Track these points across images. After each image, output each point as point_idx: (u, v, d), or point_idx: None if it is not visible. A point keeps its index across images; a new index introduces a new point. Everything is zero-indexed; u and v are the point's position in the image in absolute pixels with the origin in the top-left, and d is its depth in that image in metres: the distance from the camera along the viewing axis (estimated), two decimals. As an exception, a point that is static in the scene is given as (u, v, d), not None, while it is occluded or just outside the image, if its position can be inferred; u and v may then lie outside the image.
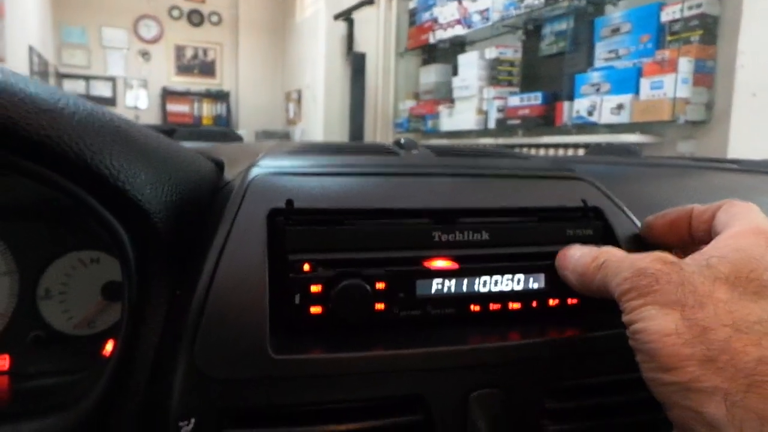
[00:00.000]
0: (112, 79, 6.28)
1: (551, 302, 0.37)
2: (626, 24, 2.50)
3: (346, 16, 4.33)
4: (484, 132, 3.27)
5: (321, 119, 4.71)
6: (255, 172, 0.37)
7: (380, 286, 0.34)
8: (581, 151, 2.61)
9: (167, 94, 6.35)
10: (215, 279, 0.31)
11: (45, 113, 0.28)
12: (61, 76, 5.92)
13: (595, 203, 0.41)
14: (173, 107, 6.44)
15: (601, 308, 0.38)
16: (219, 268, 0.31)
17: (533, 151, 2.92)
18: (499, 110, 3.13)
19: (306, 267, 0.33)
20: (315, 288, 0.32)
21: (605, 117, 2.50)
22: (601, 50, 2.60)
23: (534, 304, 0.37)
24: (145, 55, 6.51)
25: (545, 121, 2.88)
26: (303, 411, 0.29)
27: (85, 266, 0.44)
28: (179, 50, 6.66)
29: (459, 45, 3.62)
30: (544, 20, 2.94)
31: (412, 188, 0.38)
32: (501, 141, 3.18)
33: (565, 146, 2.75)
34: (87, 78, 6.16)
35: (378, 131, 4.31)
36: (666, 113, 2.22)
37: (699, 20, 2.17)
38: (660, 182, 0.57)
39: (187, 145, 0.63)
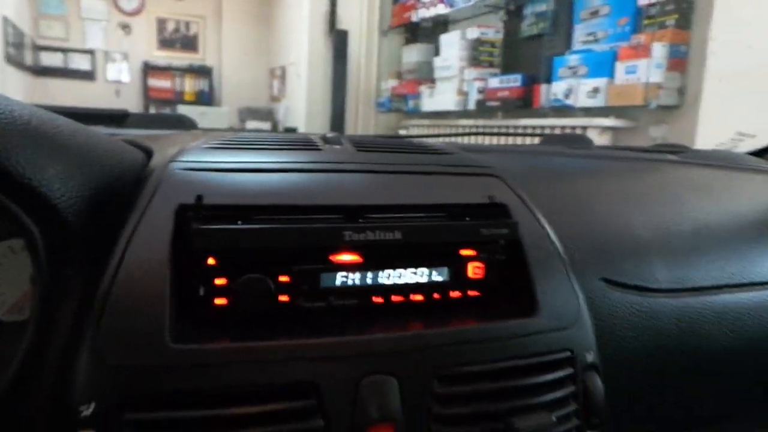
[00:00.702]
0: (91, 52, 6.14)
1: (453, 294, 0.40)
2: (605, 7, 2.50)
3: (328, -9, 4.26)
4: (464, 113, 3.28)
5: (304, 97, 4.67)
6: (171, 166, 0.38)
7: (284, 279, 0.36)
8: (557, 133, 2.63)
9: (149, 69, 6.23)
10: (120, 269, 0.33)
11: None
12: (38, 49, 5.77)
13: (503, 199, 0.43)
14: (155, 82, 6.32)
15: (500, 300, 0.41)
16: (125, 259, 0.33)
17: (511, 139, 2.94)
18: (480, 92, 3.13)
19: (211, 261, 0.34)
20: (219, 281, 0.34)
21: (581, 100, 2.52)
22: (579, 33, 2.61)
23: (436, 295, 0.39)
24: (125, 27, 6.36)
25: (524, 103, 2.89)
26: (201, 396, 0.31)
27: (15, 254, 0.45)
28: (161, 23, 6.51)
29: (442, 24, 3.60)
30: (525, 0, 2.93)
31: (325, 185, 0.40)
32: (481, 123, 3.19)
33: (542, 128, 2.77)
34: (65, 51, 6.01)
35: (360, 111, 4.29)
36: (639, 98, 2.25)
37: (675, 4, 2.19)
38: (583, 179, 0.59)
39: (132, 132, 0.64)
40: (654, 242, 0.52)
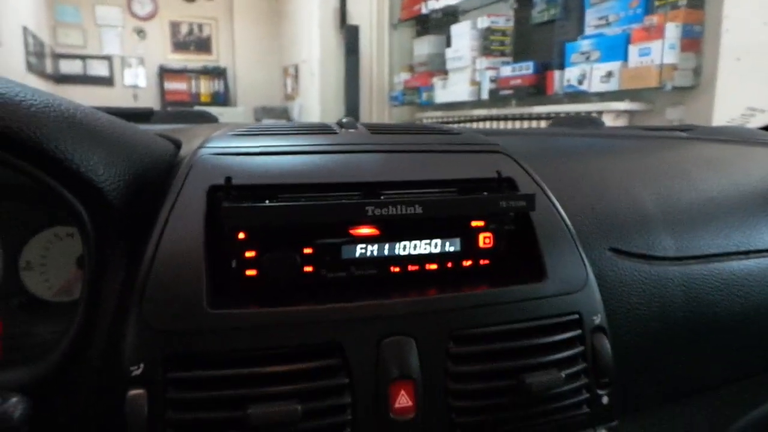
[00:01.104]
0: (109, 58, 6.26)
1: (465, 263, 0.43)
2: (616, -11, 2.49)
3: (338, -13, 4.28)
4: (478, 103, 3.28)
5: (318, 94, 4.71)
6: (201, 152, 0.42)
7: (308, 251, 0.39)
8: (571, 120, 2.63)
9: (164, 72, 6.33)
10: (160, 246, 0.36)
11: (5, 107, 0.33)
12: (58, 57, 5.91)
13: (510, 174, 0.45)
14: (171, 85, 6.42)
15: (509, 268, 0.43)
16: (163, 236, 0.36)
17: (526, 123, 2.94)
18: (492, 81, 3.13)
19: (241, 235, 0.38)
20: (249, 254, 0.38)
21: (595, 85, 2.51)
22: (591, 17, 2.60)
23: (449, 264, 0.42)
24: (140, 32, 6.47)
25: (537, 90, 2.89)
26: (236, 357, 0.35)
27: (61, 240, 0.49)
28: (174, 27, 6.61)
29: (452, 15, 3.60)
30: (535, -13, 2.92)
31: (343, 164, 0.43)
32: (494, 112, 3.20)
33: (557, 115, 2.76)
34: (83, 57, 6.14)
35: (374, 105, 4.31)
36: (653, 80, 2.23)
37: (686, -16, 2.17)
38: (591, 156, 0.61)
39: (159, 127, 0.67)
40: (661, 213, 0.54)
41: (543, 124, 2.79)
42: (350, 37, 4.20)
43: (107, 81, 6.21)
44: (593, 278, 0.44)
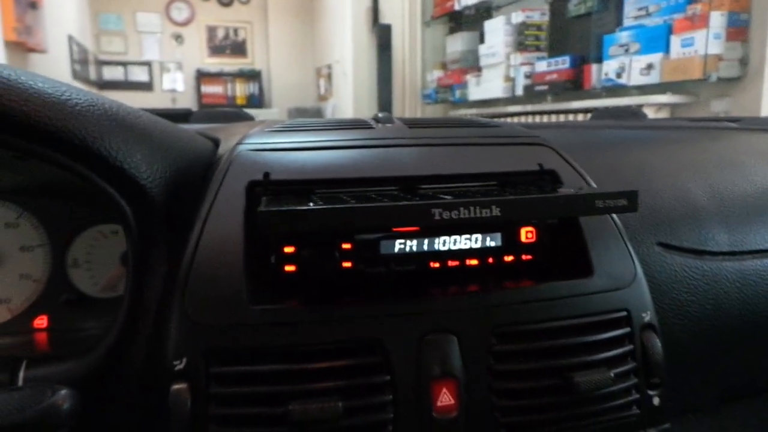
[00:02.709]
0: (148, 64, 6.45)
1: (507, 258, 0.41)
2: (657, -21, 2.40)
3: (370, -13, 4.29)
4: (513, 99, 3.23)
5: (351, 94, 4.73)
6: (239, 149, 0.42)
7: (346, 246, 0.38)
8: (610, 115, 2.56)
9: (201, 76, 6.48)
10: (201, 241, 0.36)
11: (52, 106, 0.34)
12: (101, 63, 6.12)
13: (552, 167, 0.44)
14: (207, 89, 6.57)
15: (554, 263, 0.42)
16: (204, 232, 0.37)
17: (562, 117, 2.87)
18: (527, 76, 3.08)
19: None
20: (288, 249, 0.38)
21: (634, 78, 2.43)
22: (630, 8, 2.52)
23: (490, 260, 0.41)
24: (178, 38, 6.64)
25: (574, 85, 2.82)
26: (276, 352, 0.34)
27: (105, 238, 0.50)
28: (211, 31, 6.76)
29: (485, 11, 3.55)
30: (571, -21, 2.85)
31: (382, 159, 0.43)
32: (530, 108, 3.14)
33: (594, 109, 2.69)
34: (125, 64, 6.35)
35: (406, 103, 4.30)
36: (697, 71, 2.15)
37: (732, -30, 2.07)
38: (636, 148, 0.59)
39: (198, 126, 0.68)
40: (712, 206, 0.51)
41: (581, 118, 2.72)
42: (383, 35, 4.20)
43: (147, 86, 6.41)
44: (642, 274, 0.42)
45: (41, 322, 0.48)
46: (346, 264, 0.38)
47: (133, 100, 5.85)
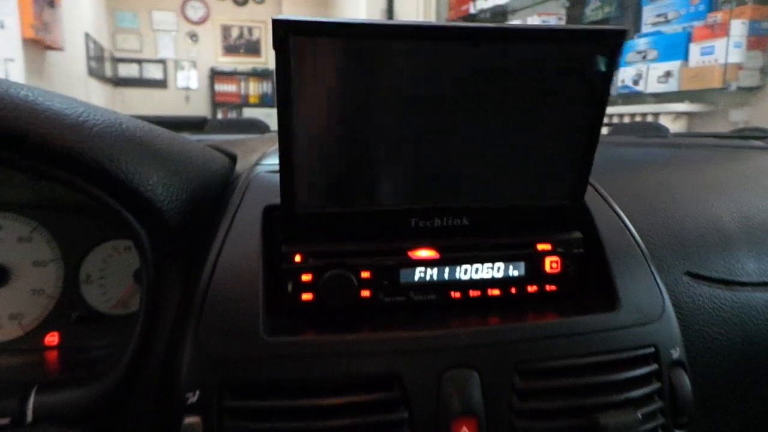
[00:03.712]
0: (163, 62, 6.49)
1: (530, 289, 0.40)
2: (677, -15, 2.37)
3: (385, -11, 4.28)
4: (526, 104, 3.20)
5: (363, 95, 4.72)
6: (257, 170, 0.41)
7: (365, 275, 0.37)
8: (626, 122, 2.53)
9: (215, 75, 6.51)
10: (217, 268, 0.35)
11: (69, 128, 0.33)
12: (116, 61, 6.17)
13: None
14: (221, 87, 6.60)
15: (577, 294, 0.41)
16: (220, 259, 0.36)
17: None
18: (542, 81, 3.05)
19: (297, 258, 0.36)
20: (306, 277, 0.36)
21: (652, 86, 2.40)
22: (648, 14, 2.49)
23: (513, 290, 0.40)
24: (193, 36, 6.67)
25: (590, 91, 2.79)
26: (292, 386, 0.33)
27: (119, 254, 0.49)
28: (225, 30, 6.79)
29: (501, 14, 3.53)
30: (589, -15, 2.82)
31: None
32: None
33: (610, 116, 2.66)
34: (140, 61, 6.39)
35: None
36: (717, 80, 2.12)
37: (755, -22, 2.04)
38: (661, 168, 0.57)
39: (214, 137, 0.68)
40: (741, 233, 0.50)
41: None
42: (397, 38, 4.18)
43: (161, 83, 6.45)
44: (670, 307, 0.41)
45: (52, 339, 0.47)
46: (365, 293, 0.37)
47: (147, 96, 5.85)
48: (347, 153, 0.35)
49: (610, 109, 2.64)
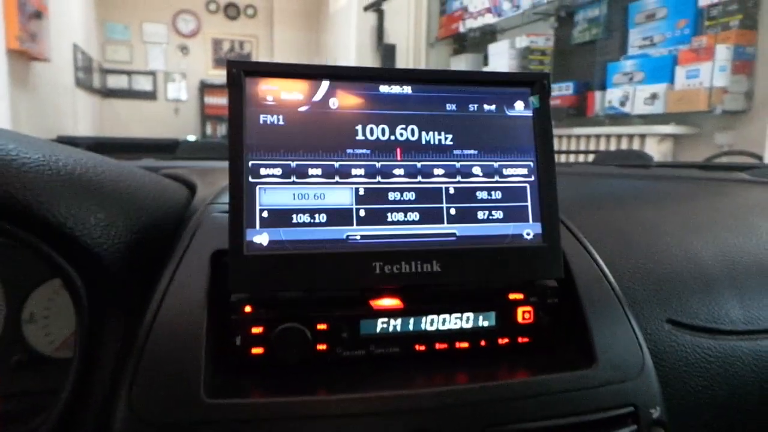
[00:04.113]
0: (153, 73, 6.46)
1: (501, 341, 0.37)
2: (662, 9, 2.40)
3: (376, 6, 4.30)
4: (515, 123, 3.21)
5: (352, 111, 4.72)
6: (209, 209, 0.38)
7: (322, 327, 0.34)
8: (612, 143, 2.53)
9: (205, 87, 6.49)
10: (156, 320, 0.32)
11: None
12: (105, 72, 6.13)
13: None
14: (211, 100, 6.58)
15: (551, 347, 0.38)
16: (161, 309, 0.33)
17: (565, 143, 2.85)
18: (530, 101, 3.06)
19: (247, 308, 0.33)
20: (256, 329, 0.33)
21: (638, 107, 2.41)
22: (635, 37, 2.51)
23: (483, 342, 0.37)
24: (183, 49, 6.66)
25: (577, 111, 2.80)
26: None
27: (65, 292, 0.46)
28: (216, 44, 6.78)
29: (490, 34, 3.55)
30: (576, 6, 2.85)
31: None
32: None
33: (597, 137, 2.67)
34: (129, 73, 6.36)
35: (408, 122, 4.28)
36: (702, 103, 2.13)
37: (739, 4, 2.06)
38: (641, 204, 0.55)
39: (180, 164, 0.65)
40: (726, 276, 0.47)
41: (582, 145, 2.69)
42: (387, 55, 4.20)
43: (150, 95, 6.41)
44: (650, 361, 0.38)
45: (-11, 384, 0.43)
46: (321, 346, 0.34)
47: (136, 108, 5.83)
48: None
49: (596, 130, 2.65)
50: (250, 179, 0.34)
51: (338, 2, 5.82)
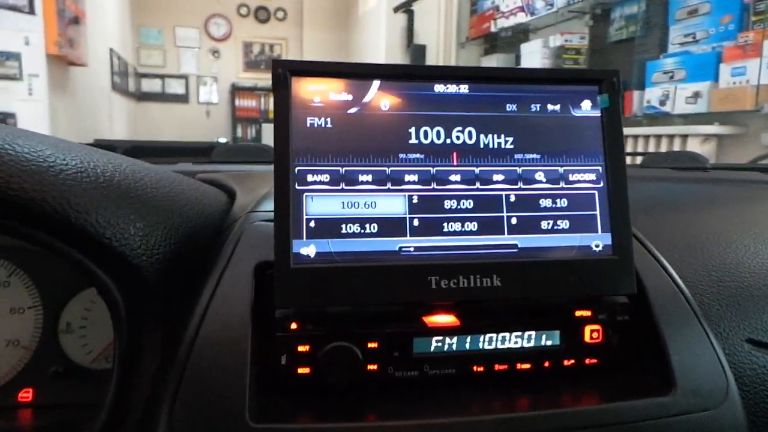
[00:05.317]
0: (185, 77, 6.57)
1: (566, 362, 0.34)
2: (705, 4, 2.30)
3: (406, 7, 4.28)
4: (548, 124, 3.14)
5: (382, 112, 4.70)
6: (251, 218, 0.36)
7: (372, 345, 0.32)
8: (651, 143, 2.45)
9: (236, 90, 6.57)
10: (198, 336, 0.30)
11: (30, 174, 0.28)
12: (140, 76, 6.26)
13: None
14: (241, 102, 6.66)
15: (622, 370, 0.35)
16: (203, 325, 0.31)
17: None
18: (564, 101, 2.99)
19: (293, 326, 0.31)
20: (302, 348, 0.31)
21: (679, 107, 2.32)
22: (675, 34, 2.42)
23: (546, 364, 0.34)
24: (215, 53, 6.76)
25: (614, 111, 2.72)
26: None
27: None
28: (247, 47, 6.86)
29: (522, 33, 3.48)
30: (613, 3, 2.77)
31: None
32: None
33: (635, 138, 2.58)
34: (162, 77, 6.48)
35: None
36: (749, 102, 2.04)
37: (789, -3, 1.96)
38: (707, 210, 0.51)
39: (219, 167, 0.63)
40: (808, 291, 0.43)
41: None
42: (417, 56, 4.17)
43: (183, 98, 6.52)
44: (735, 386, 0.34)
45: (26, 395, 0.42)
46: (371, 366, 0.32)
47: (169, 111, 5.94)
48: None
49: (634, 130, 2.56)
50: (297, 187, 0.31)
51: (368, 3, 5.81)
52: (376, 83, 0.33)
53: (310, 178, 0.32)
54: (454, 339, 0.33)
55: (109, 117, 4.50)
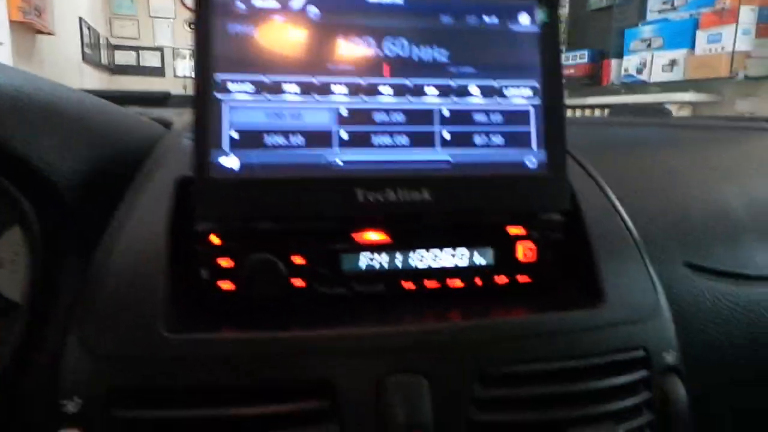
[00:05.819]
0: (161, 50, 6.40)
1: (499, 280, 0.34)
2: (684, -29, 2.29)
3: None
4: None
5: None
6: (178, 137, 0.34)
7: (299, 260, 0.31)
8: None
9: (213, 63, 6.43)
10: (114, 249, 0.29)
11: None
12: (114, 48, 6.08)
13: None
14: (220, 75, 6.53)
15: (555, 287, 0.34)
16: (120, 237, 0.29)
17: (579, 114, 2.77)
18: (543, 70, 2.98)
19: (214, 238, 0.30)
20: (224, 262, 0.30)
21: (656, 74, 2.33)
22: (654, 1, 2.41)
23: (478, 281, 0.33)
24: (191, 24, 6.58)
25: (592, 80, 2.72)
26: (198, 394, 0.27)
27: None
28: (224, 18, 6.69)
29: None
30: (593, -29, 2.75)
31: None
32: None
33: (612, 106, 2.59)
34: (137, 49, 6.31)
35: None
36: (724, 69, 2.05)
37: (766, -37, 1.96)
38: (661, 149, 0.51)
39: (169, 111, 0.61)
40: (750, 221, 0.43)
41: (597, 115, 2.62)
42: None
43: (159, 71, 6.36)
44: (665, 302, 0.34)
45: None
46: (298, 282, 0.31)
47: (144, 85, 5.77)
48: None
49: (611, 99, 2.57)
50: (217, 95, 0.30)
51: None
52: None
53: (231, 86, 0.30)
54: (384, 256, 0.32)
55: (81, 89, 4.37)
